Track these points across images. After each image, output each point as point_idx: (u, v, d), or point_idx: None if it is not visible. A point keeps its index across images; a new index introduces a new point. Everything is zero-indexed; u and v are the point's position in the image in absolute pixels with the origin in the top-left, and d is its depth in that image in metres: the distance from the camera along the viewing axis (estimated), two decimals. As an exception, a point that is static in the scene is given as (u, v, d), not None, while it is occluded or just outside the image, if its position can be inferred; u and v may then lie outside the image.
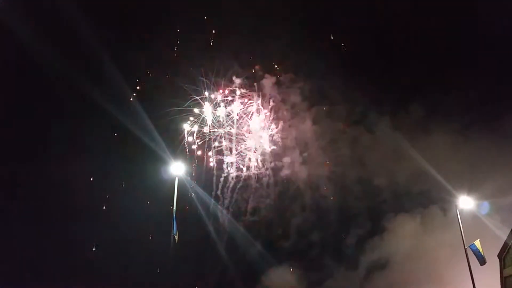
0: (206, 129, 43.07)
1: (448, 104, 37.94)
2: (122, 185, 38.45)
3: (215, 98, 42.22)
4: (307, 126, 42.03)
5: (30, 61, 35.39)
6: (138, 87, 40.47)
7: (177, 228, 19.54)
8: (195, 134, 43.09)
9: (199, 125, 43.71)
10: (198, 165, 42.43)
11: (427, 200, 37.06)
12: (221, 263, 39.22)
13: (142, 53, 39.39)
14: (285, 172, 43.00)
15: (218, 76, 41.01)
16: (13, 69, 35.95)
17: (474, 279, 23.53)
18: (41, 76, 37.15)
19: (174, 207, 20.05)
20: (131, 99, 38.87)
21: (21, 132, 37.01)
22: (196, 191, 40.89)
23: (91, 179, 37.15)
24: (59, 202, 36.00)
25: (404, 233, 36.62)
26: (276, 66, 43.50)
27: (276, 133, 44.98)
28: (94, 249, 34.78)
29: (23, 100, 37.32)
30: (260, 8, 40.76)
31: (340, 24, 43.17)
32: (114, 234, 34.96)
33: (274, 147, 44.85)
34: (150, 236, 37.21)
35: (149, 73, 41.42)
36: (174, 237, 19.47)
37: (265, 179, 43.93)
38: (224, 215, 41.78)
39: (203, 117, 43.05)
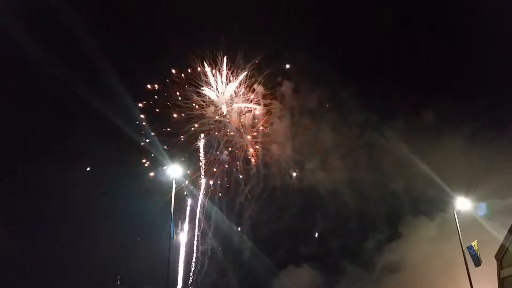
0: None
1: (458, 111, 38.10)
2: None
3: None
4: (324, 134, 43.00)
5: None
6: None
7: (174, 229, 21.30)
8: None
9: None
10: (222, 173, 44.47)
11: (444, 204, 36.70)
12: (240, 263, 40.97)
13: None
14: (305, 179, 44.09)
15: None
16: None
17: (474, 281, 23.74)
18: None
19: (172, 210, 21.88)
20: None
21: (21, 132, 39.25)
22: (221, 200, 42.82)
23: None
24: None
25: (421, 237, 36.54)
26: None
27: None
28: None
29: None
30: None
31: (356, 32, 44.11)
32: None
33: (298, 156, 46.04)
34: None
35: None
36: (173, 238, 21.25)
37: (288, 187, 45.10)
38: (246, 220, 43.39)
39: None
